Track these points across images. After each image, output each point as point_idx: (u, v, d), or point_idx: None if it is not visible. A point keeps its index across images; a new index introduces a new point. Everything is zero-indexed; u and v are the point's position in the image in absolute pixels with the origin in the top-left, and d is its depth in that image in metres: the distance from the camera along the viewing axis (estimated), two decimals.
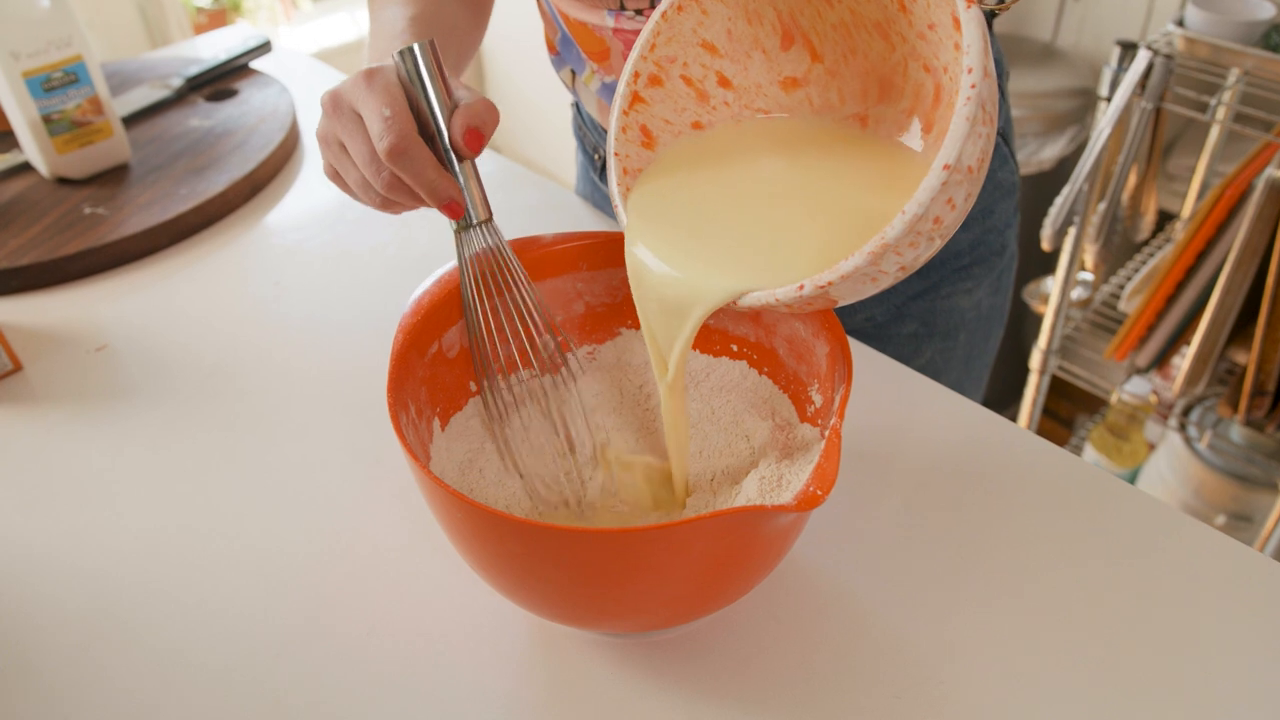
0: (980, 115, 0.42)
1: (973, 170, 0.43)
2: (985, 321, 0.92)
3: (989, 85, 0.42)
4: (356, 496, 0.65)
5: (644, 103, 0.56)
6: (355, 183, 0.56)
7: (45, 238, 0.87)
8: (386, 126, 0.51)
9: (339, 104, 0.54)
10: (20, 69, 0.88)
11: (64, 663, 0.55)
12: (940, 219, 0.44)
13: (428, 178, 0.51)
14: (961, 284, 0.86)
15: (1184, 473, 1.55)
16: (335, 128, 0.54)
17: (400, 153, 0.50)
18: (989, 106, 0.43)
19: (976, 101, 0.42)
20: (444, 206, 0.52)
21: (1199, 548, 0.58)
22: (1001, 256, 0.89)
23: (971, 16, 0.43)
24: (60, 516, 0.64)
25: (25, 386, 0.75)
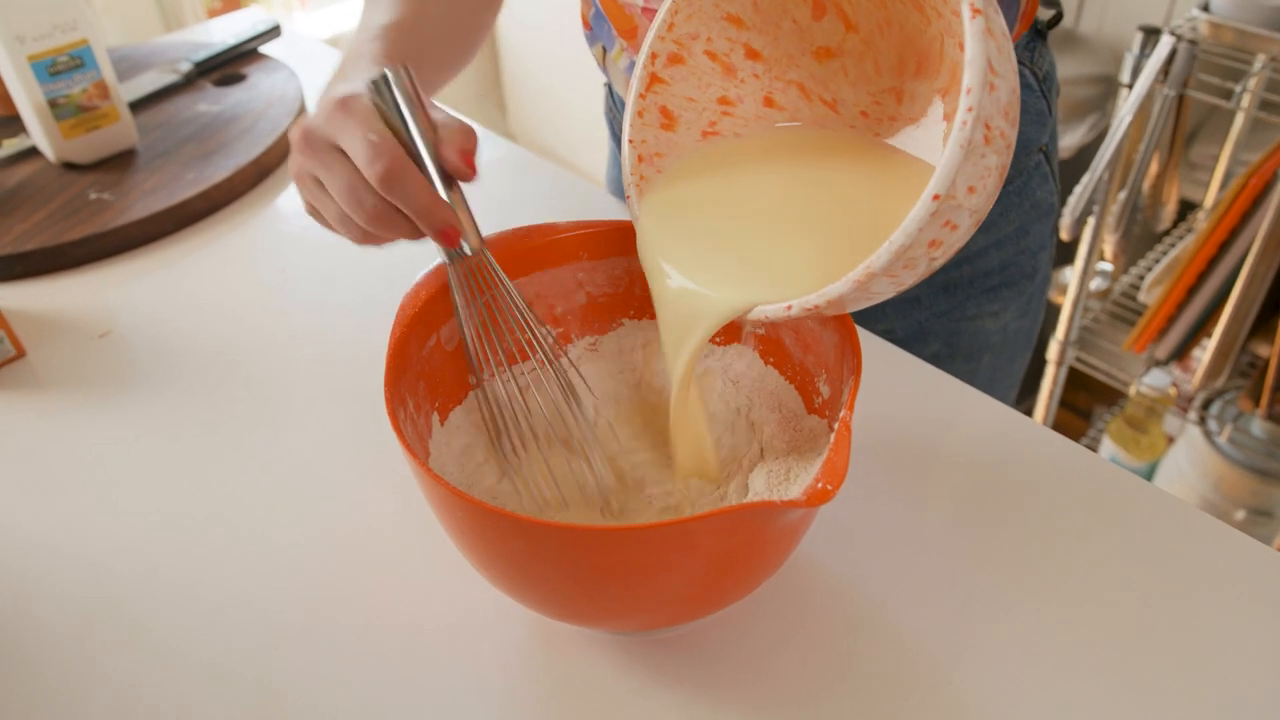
0: (979, 139, 0.39)
1: (975, 190, 0.41)
2: (1011, 345, 0.89)
3: (996, 100, 0.40)
4: (358, 487, 0.64)
5: (663, 83, 0.54)
6: (335, 217, 0.53)
7: (50, 223, 0.87)
8: (376, 152, 0.48)
9: (312, 139, 0.51)
10: (26, 52, 0.88)
11: (61, 651, 0.55)
12: (937, 241, 0.42)
13: (422, 202, 0.49)
14: (988, 305, 0.83)
15: (1203, 467, 1.53)
16: (309, 164, 0.52)
17: (394, 176, 0.48)
18: (997, 122, 0.40)
19: (975, 125, 0.39)
20: (440, 233, 0.50)
21: (1217, 546, 0.57)
22: (1032, 280, 0.85)
23: (976, 29, 0.40)
24: (60, 504, 0.64)
25: (29, 372, 0.75)
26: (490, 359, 0.55)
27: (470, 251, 0.51)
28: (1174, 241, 1.60)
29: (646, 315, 0.62)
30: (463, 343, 0.56)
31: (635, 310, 0.62)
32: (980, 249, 0.80)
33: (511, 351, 0.56)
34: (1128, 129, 1.25)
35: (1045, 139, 0.79)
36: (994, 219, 0.78)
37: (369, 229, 0.51)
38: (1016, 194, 0.78)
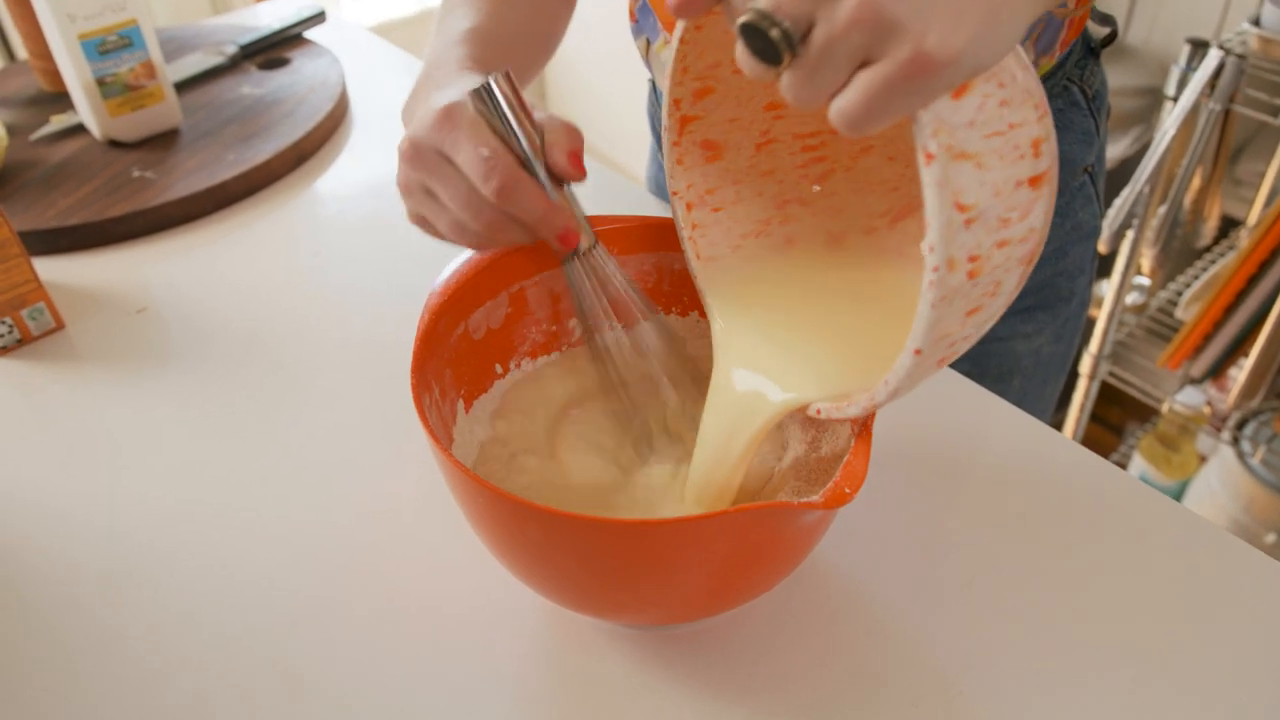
0: (957, 283, 0.38)
1: (978, 310, 0.40)
2: (1043, 369, 0.87)
3: (979, 231, 0.38)
4: (381, 470, 0.64)
5: (697, 119, 0.53)
6: (448, 227, 0.54)
7: (94, 199, 0.88)
8: (490, 167, 0.49)
9: (420, 150, 0.52)
10: (77, 31, 0.89)
11: (84, 621, 0.56)
12: (944, 359, 0.42)
13: (540, 211, 0.51)
14: (1021, 327, 0.82)
15: (1235, 487, 1.51)
16: (420, 175, 0.52)
17: (510, 191, 0.49)
18: (975, 259, 0.38)
19: (941, 288, 0.38)
20: (559, 237, 0.52)
21: (1243, 570, 0.56)
22: (1069, 304, 0.83)
23: (930, 178, 0.36)
24: (90, 475, 0.65)
25: (67, 345, 0.76)
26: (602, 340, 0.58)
27: (585, 248, 0.53)
28: (1214, 258, 1.58)
29: (675, 310, 0.62)
30: (504, 323, 0.59)
31: (663, 304, 0.62)
32: None
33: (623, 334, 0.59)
34: (1171, 142, 1.23)
35: (1091, 159, 0.77)
36: None
37: (486, 237, 0.52)
38: (1058, 214, 0.76)
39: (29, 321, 0.75)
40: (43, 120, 1.00)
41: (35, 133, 0.97)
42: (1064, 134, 0.73)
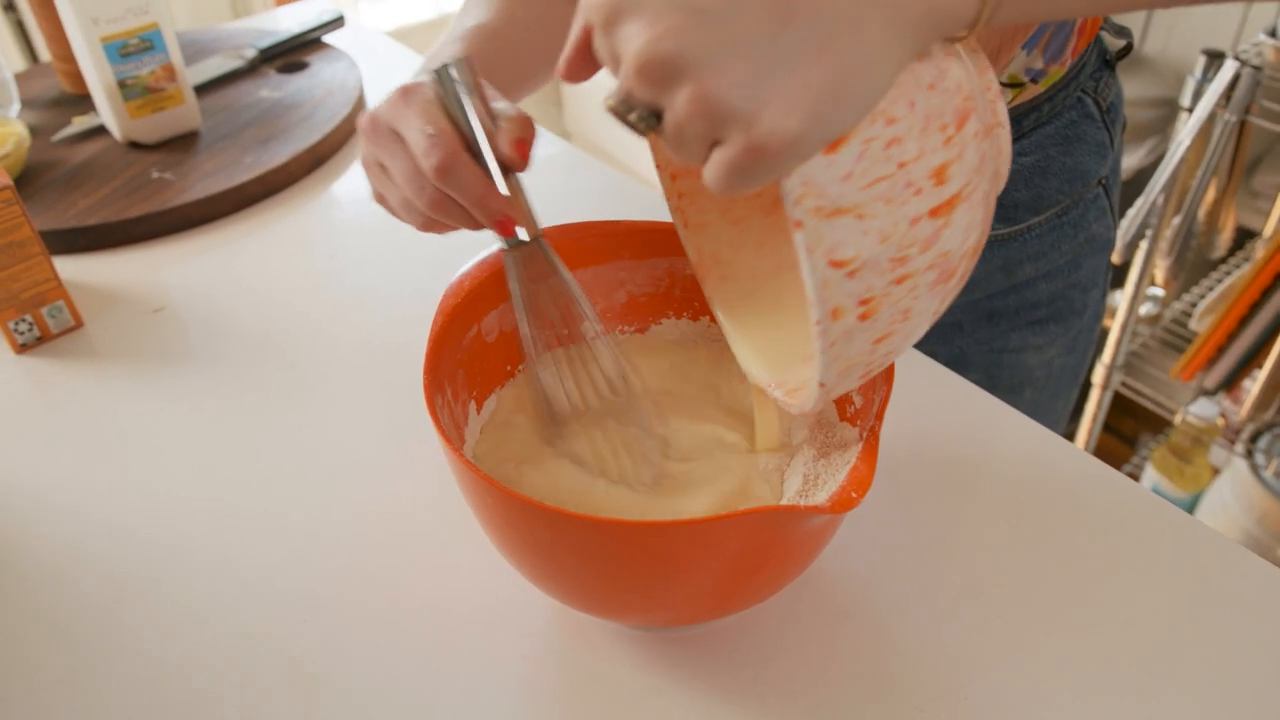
0: (838, 341, 0.39)
1: (888, 335, 0.41)
2: (1055, 381, 0.87)
3: (851, 290, 0.37)
4: (391, 471, 0.65)
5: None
6: (398, 203, 0.54)
7: (113, 199, 0.89)
8: (431, 144, 0.49)
9: (377, 126, 0.53)
10: (99, 34, 0.90)
11: (96, 615, 0.57)
12: (867, 375, 0.43)
13: (477, 193, 0.50)
14: (1033, 339, 0.82)
15: (1248, 500, 1.50)
16: (375, 150, 0.53)
17: (448, 169, 0.49)
18: (866, 302, 0.38)
19: (828, 336, 0.38)
20: (495, 223, 0.51)
21: (1255, 582, 0.56)
22: (1081, 316, 0.83)
23: (799, 242, 0.35)
24: (105, 471, 0.66)
25: (85, 343, 0.77)
26: (539, 342, 0.56)
27: (527, 239, 0.52)
28: (1229, 270, 1.57)
29: (686, 315, 0.63)
30: (515, 325, 0.57)
31: (675, 310, 0.63)
32: (1028, 279, 0.78)
33: (561, 335, 0.57)
34: (1185, 153, 1.23)
35: (1105, 172, 0.77)
36: (1045, 250, 0.77)
37: (430, 216, 0.52)
38: (1071, 225, 0.77)
39: (48, 319, 0.76)
40: (64, 121, 1.01)
41: (57, 134, 0.99)
42: (1076, 146, 0.73)
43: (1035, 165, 0.73)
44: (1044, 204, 0.75)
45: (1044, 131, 0.72)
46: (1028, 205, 0.75)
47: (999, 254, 0.77)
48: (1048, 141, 0.72)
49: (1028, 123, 0.71)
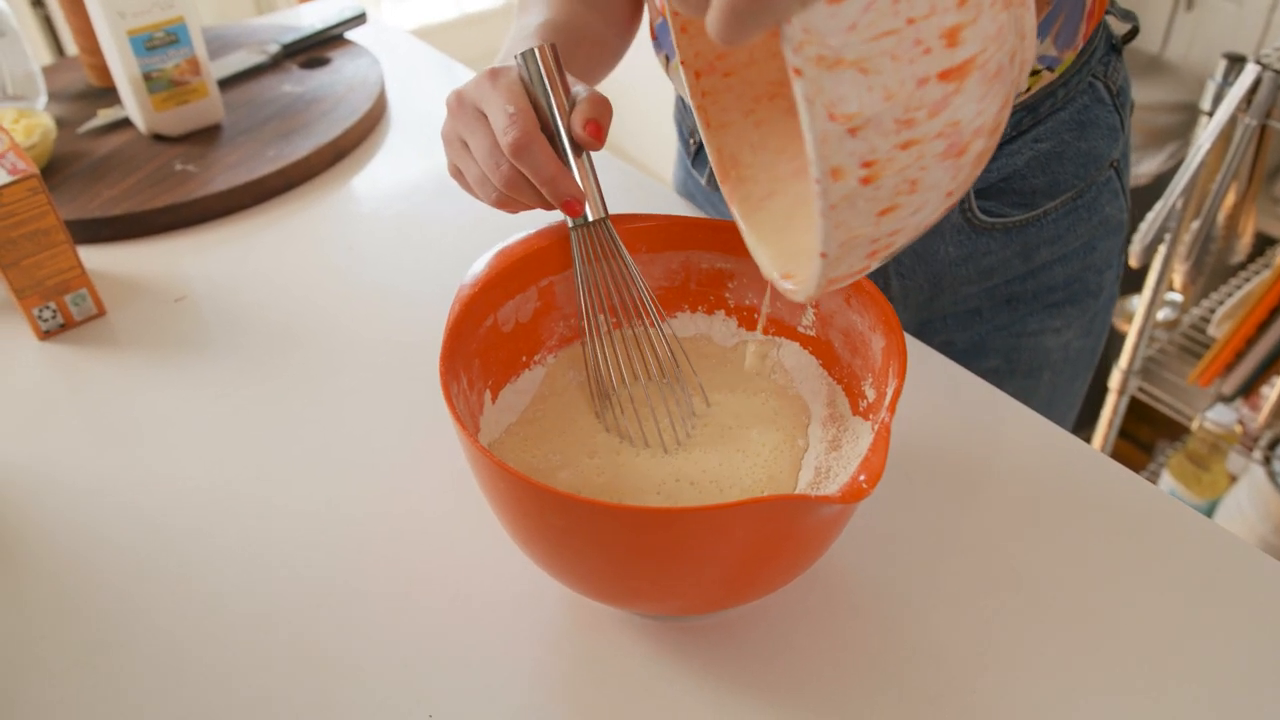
0: (838, 205, 0.37)
1: (895, 208, 0.39)
2: (1072, 364, 0.88)
3: (853, 150, 0.36)
4: (406, 462, 0.66)
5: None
6: (474, 179, 0.57)
7: (137, 190, 0.90)
8: (511, 121, 0.52)
9: (463, 103, 0.55)
10: (126, 27, 0.92)
11: (115, 598, 0.57)
12: (876, 253, 0.41)
13: (549, 173, 0.53)
14: (1051, 322, 0.83)
15: (1265, 508, 1.49)
16: (458, 125, 0.56)
17: (523, 147, 0.52)
18: (870, 164, 0.37)
19: (827, 197, 0.36)
20: (563, 204, 0.54)
21: (1268, 585, 0.56)
22: (1097, 298, 0.84)
23: (798, 92, 0.34)
24: (125, 457, 0.67)
25: (108, 331, 0.78)
26: (601, 318, 0.59)
27: (593, 219, 0.56)
28: (1248, 276, 1.56)
29: (701, 309, 0.63)
30: (531, 316, 0.60)
31: (690, 303, 0.63)
32: (1045, 264, 0.80)
33: (619, 314, 0.60)
34: (1205, 157, 1.22)
35: (1116, 154, 0.78)
36: (1061, 234, 0.78)
37: (504, 193, 0.55)
38: (1086, 209, 0.78)
39: (72, 307, 0.78)
40: (90, 114, 1.02)
41: (83, 126, 1.00)
42: (1090, 130, 0.75)
43: (1051, 151, 0.74)
44: (1060, 189, 0.76)
45: (1059, 118, 0.73)
46: (1045, 191, 0.76)
47: (1017, 240, 0.78)
48: (1063, 128, 0.74)
49: (1044, 109, 0.73)
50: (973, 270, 0.79)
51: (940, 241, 0.78)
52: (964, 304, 0.82)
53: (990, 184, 0.75)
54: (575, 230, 0.56)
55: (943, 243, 0.78)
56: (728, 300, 0.63)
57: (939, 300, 0.82)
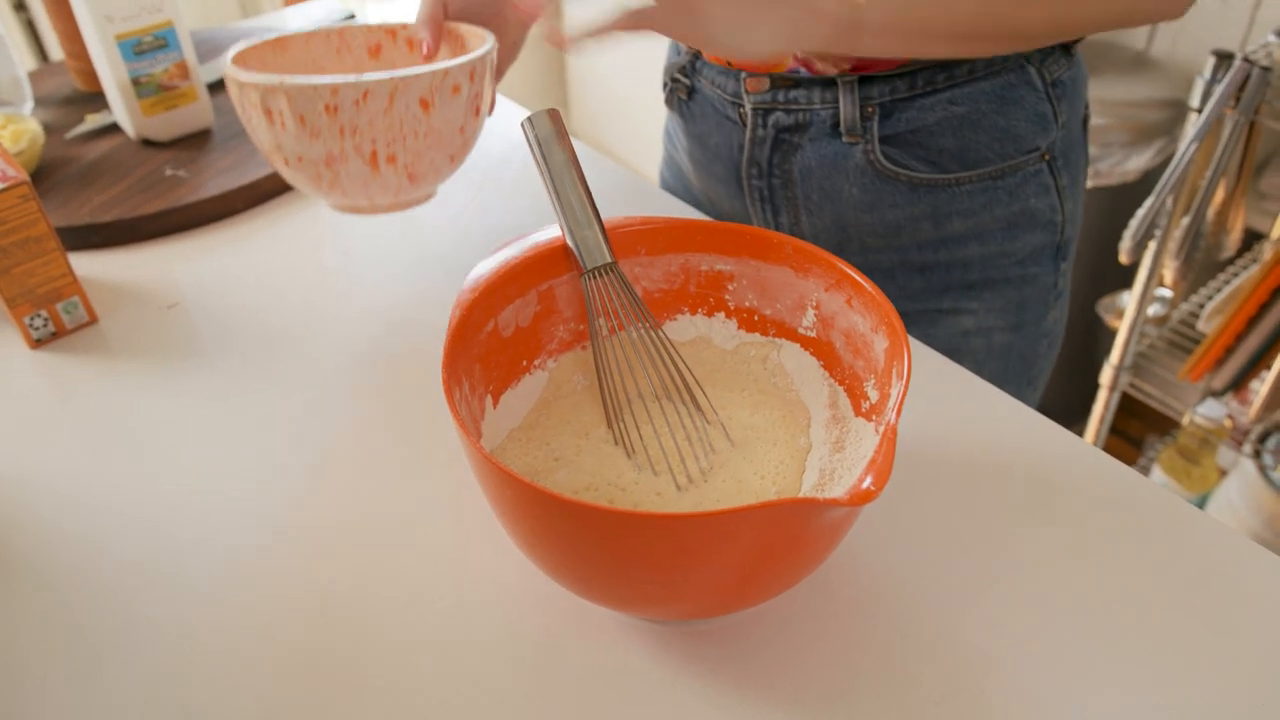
0: None
1: None
2: (999, 360, 0.88)
3: None
4: (407, 467, 0.65)
5: None
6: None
7: (127, 196, 0.90)
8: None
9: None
10: (114, 32, 0.91)
11: (111, 608, 0.57)
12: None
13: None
14: (966, 302, 0.84)
15: (1255, 502, 1.50)
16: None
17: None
18: None
19: None
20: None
21: (1266, 577, 0.56)
22: (1020, 290, 0.85)
23: None
24: (120, 465, 0.66)
25: (100, 339, 0.78)
26: (604, 341, 0.61)
27: (602, 264, 0.59)
28: (1237, 271, 1.57)
29: (701, 311, 0.63)
30: (532, 321, 0.61)
31: (689, 305, 0.63)
32: (958, 236, 0.81)
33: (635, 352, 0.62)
34: (1194, 154, 1.23)
35: (1045, 146, 0.79)
36: (975, 209, 0.80)
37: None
38: (1006, 191, 0.79)
39: (63, 315, 0.77)
40: (78, 119, 1.01)
41: (71, 131, 0.99)
42: (1011, 109, 0.76)
43: (965, 117, 0.76)
44: (972, 158, 0.78)
45: (978, 86, 0.75)
46: (955, 157, 0.78)
47: (926, 200, 0.80)
48: (980, 96, 0.76)
49: (960, 73, 0.75)
50: (878, 222, 0.81)
51: (845, 180, 0.80)
52: (876, 264, 0.84)
53: (897, 133, 0.77)
54: (584, 279, 0.58)
55: (847, 182, 0.80)
56: (728, 302, 0.63)
57: (847, 250, 0.84)
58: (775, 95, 0.79)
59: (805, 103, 0.79)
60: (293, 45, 0.81)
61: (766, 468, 0.56)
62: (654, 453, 0.57)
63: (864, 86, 0.76)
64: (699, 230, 0.61)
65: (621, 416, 0.59)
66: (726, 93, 0.83)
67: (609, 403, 0.59)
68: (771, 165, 0.83)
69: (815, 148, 0.80)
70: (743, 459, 0.57)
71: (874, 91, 0.76)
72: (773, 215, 0.86)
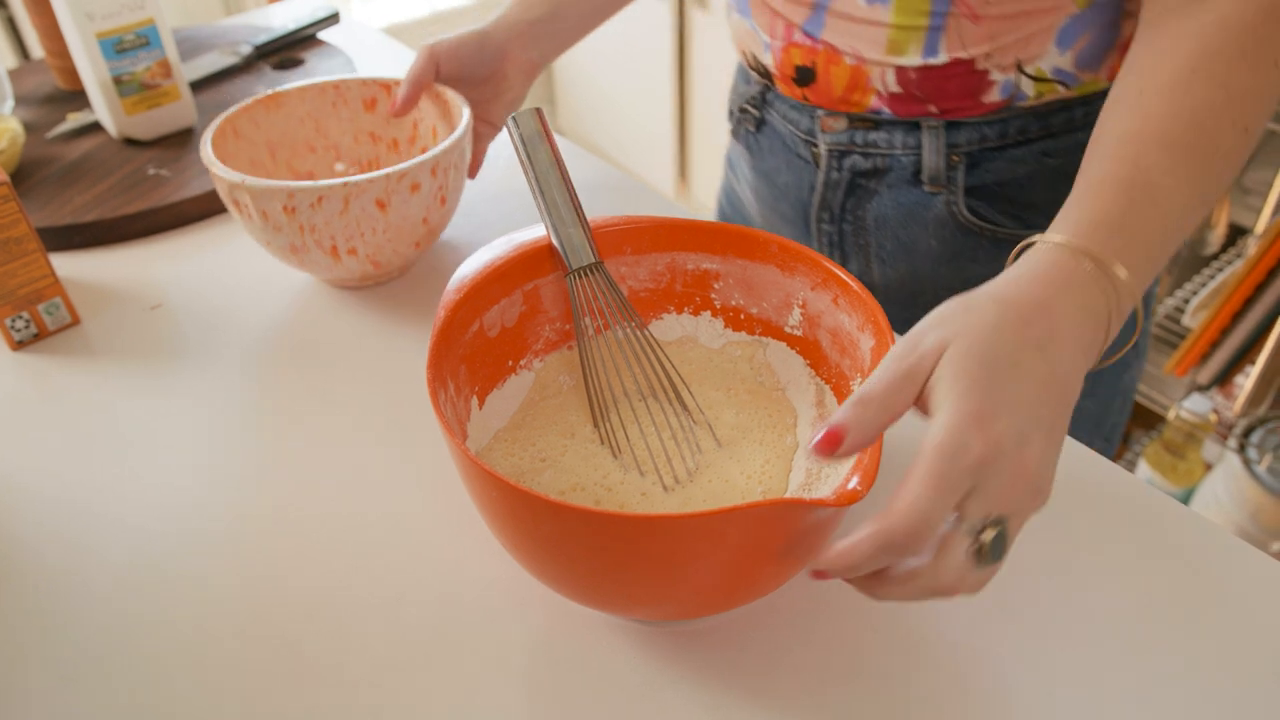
0: None
1: None
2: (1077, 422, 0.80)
3: None
4: (393, 467, 0.65)
5: None
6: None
7: (109, 196, 0.89)
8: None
9: None
10: (95, 30, 0.90)
11: (94, 610, 0.56)
12: None
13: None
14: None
15: (1241, 496, 1.51)
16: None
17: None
18: None
19: None
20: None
21: (1251, 573, 0.56)
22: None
23: None
24: (105, 468, 0.66)
25: (82, 340, 0.77)
26: (590, 339, 0.61)
27: (586, 264, 0.59)
28: (1221, 266, 1.58)
29: (688, 310, 0.63)
30: (517, 321, 0.60)
31: (676, 304, 0.63)
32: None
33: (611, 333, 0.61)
34: None
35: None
36: None
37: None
38: None
39: (45, 316, 0.76)
40: (59, 118, 1.01)
41: (52, 130, 0.98)
42: None
43: (1060, 170, 0.71)
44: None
45: (1076, 137, 0.70)
46: (1044, 210, 0.72)
47: (1006, 256, 0.74)
48: (1076, 148, 0.67)
49: (1057, 123, 0.70)
50: (955, 276, 0.77)
51: (923, 232, 0.76)
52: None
53: (984, 184, 0.73)
54: (569, 279, 0.58)
55: (925, 233, 0.76)
56: (714, 301, 0.63)
57: (920, 301, 0.79)
58: (853, 136, 0.74)
59: (885, 146, 0.74)
60: (288, 101, 0.82)
61: (753, 468, 0.56)
62: (640, 453, 0.57)
63: (950, 132, 0.71)
64: (684, 229, 0.60)
65: (608, 416, 0.59)
66: (799, 129, 0.78)
67: (595, 402, 0.59)
68: (844, 210, 0.78)
69: (893, 195, 0.75)
70: (729, 459, 0.57)
71: (961, 139, 0.71)
72: (841, 262, 0.81)
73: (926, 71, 0.68)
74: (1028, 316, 0.45)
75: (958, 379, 0.42)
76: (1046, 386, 0.44)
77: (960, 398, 0.42)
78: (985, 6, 0.64)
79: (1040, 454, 0.43)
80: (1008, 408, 0.42)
